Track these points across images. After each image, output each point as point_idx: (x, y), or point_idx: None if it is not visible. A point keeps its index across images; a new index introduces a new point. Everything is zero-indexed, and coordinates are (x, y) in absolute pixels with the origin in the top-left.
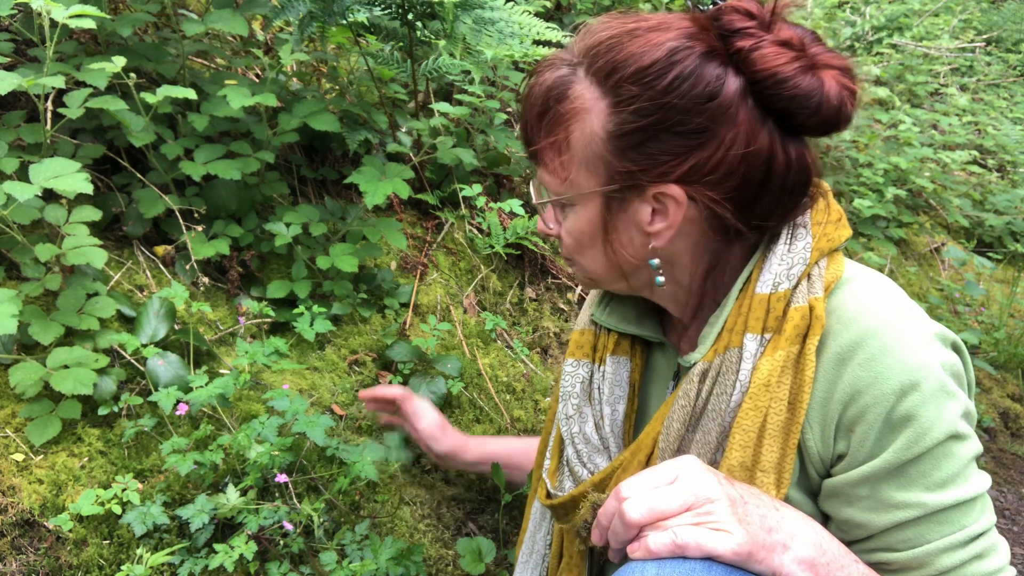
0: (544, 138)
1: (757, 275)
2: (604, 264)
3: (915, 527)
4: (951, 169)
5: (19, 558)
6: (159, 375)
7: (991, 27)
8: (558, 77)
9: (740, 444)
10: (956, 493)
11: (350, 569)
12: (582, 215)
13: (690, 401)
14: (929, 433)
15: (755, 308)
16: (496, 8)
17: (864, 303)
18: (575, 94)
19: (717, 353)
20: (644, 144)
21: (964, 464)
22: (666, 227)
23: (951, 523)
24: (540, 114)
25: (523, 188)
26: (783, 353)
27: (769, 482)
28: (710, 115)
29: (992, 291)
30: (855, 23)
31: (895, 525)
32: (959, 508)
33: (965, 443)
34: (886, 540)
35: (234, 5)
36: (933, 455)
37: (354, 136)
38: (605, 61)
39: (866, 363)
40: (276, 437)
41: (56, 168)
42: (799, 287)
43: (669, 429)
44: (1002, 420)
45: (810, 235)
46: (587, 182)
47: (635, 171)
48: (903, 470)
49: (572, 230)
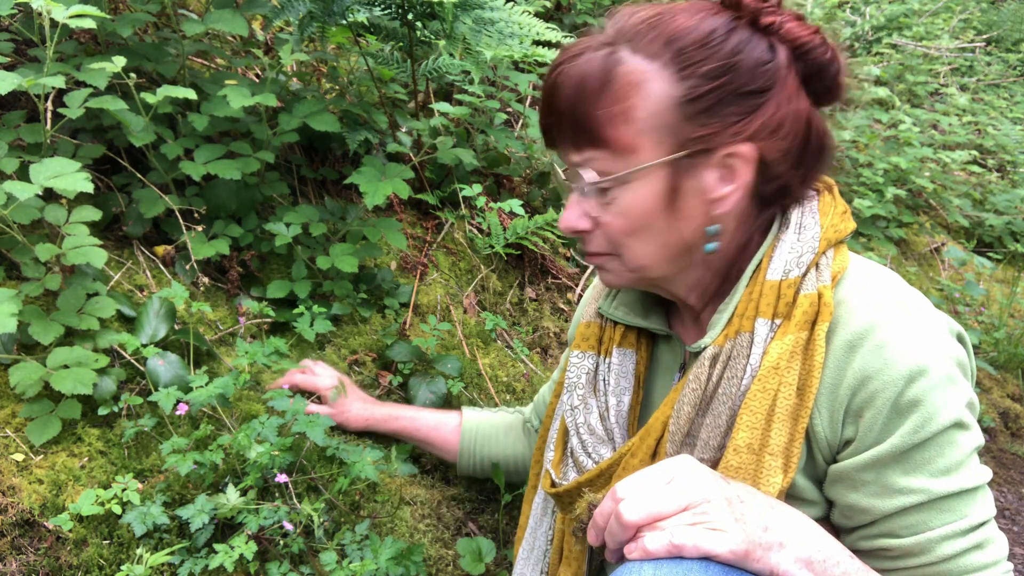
0: (597, 118)
1: (767, 263)
2: (659, 245)
3: (918, 513)
4: (951, 169)
5: (19, 558)
6: (159, 375)
7: (991, 27)
8: (602, 57)
9: (748, 425)
10: (959, 481)
11: (350, 569)
12: (642, 191)
13: (701, 384)
14: (935, 418)
15: (766, 294)
16: (496, 8)
17: (873, 292)
18: (627, 69)
19: (728, 338)
20: (715, 107)
21: (967, 453)
22: (734, 189)
23: (953, 511)
24: (589, 96)
25: (523, 188)
26: (792, 337)
27: (776, 465)
28: (770, 75)
29: (992, 291)
30: (855, 23)
31: (899, 511)
32: (961, 497)
33: (969, 433)
34: (889, 526)
35: (234, 5)
36: (938, 442)
37: (354, 136)
38: (656, 34)
39: (876, 350)
40: (276, 437)
41: (56, 168)
42: (808, 275)
43: (680, 413)
44: (1002, 420)
45: (819, 225)
46: (653, 153)
47: (708, 134)
48: (909, 455)
49: (628, 211)
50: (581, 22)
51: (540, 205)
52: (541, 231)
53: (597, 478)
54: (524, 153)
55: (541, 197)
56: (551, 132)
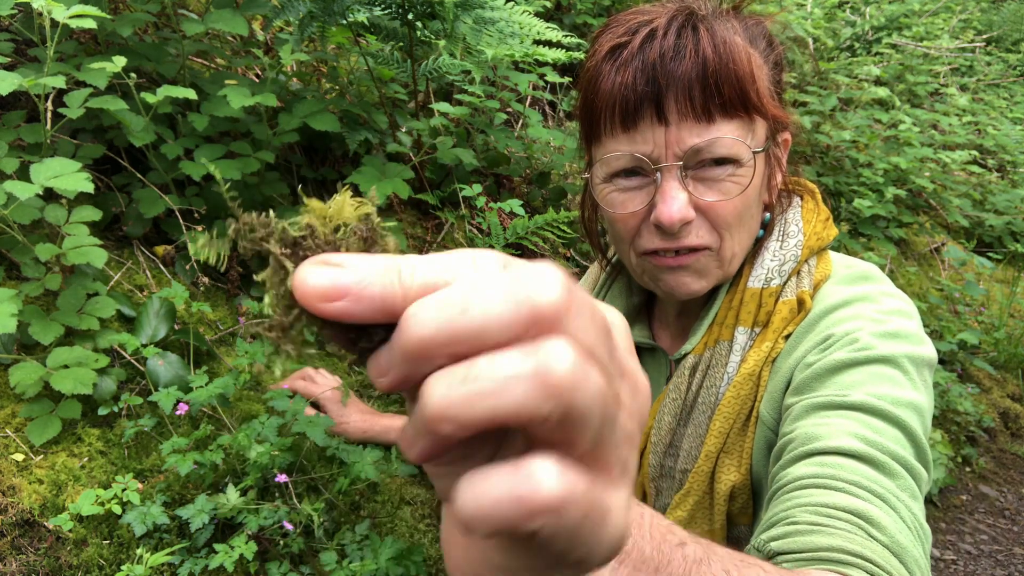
0: (748, 79)
1: (748, 269)
2: (749, 231)
3: (835, 415)
4: (951, 169)
5: (19, 558)
6: (159, 375)
7: (991, 27)
8: (721, 28)
9: (718, 431)
10: (887, 405)
11: (350, 569)
12: (759, 168)
13: (680, 394)
14: (873, 348)
15: (747, 302)
16: (496, 8)
17: (846, 289)
18: (744, 48)
19: (707, 346)
20: (780, 94)
21: (906, 400)
22: (782, 174)
23: (869, 426)
24: (738, 59)
25: (523, 188)
26: (768, 345)
27: (731, 463)
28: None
29: (992, 291)
30: (855, 23)
31: (812, 407)
32: (886, 418)
33: (910, 381)
34: (799, 429)
35: (234, 5)
36: (872, 371)
37: (354, 136)
38: (731, 16)
39: (828, 326)
40: (276, 437)
41: (56, 168)
42: (788, 283)
43: (660, 423)
44: (1002, 420)
45: (801, 233)
46: (763, 131)
47: (781, 118)
48: (835, 378)
49: (752, 186)
50: (581, 22)
51: (540, 205)
52: (541, 231)
53: None
54: (524, 153)
55: (541, 197)
56: (662, 100)
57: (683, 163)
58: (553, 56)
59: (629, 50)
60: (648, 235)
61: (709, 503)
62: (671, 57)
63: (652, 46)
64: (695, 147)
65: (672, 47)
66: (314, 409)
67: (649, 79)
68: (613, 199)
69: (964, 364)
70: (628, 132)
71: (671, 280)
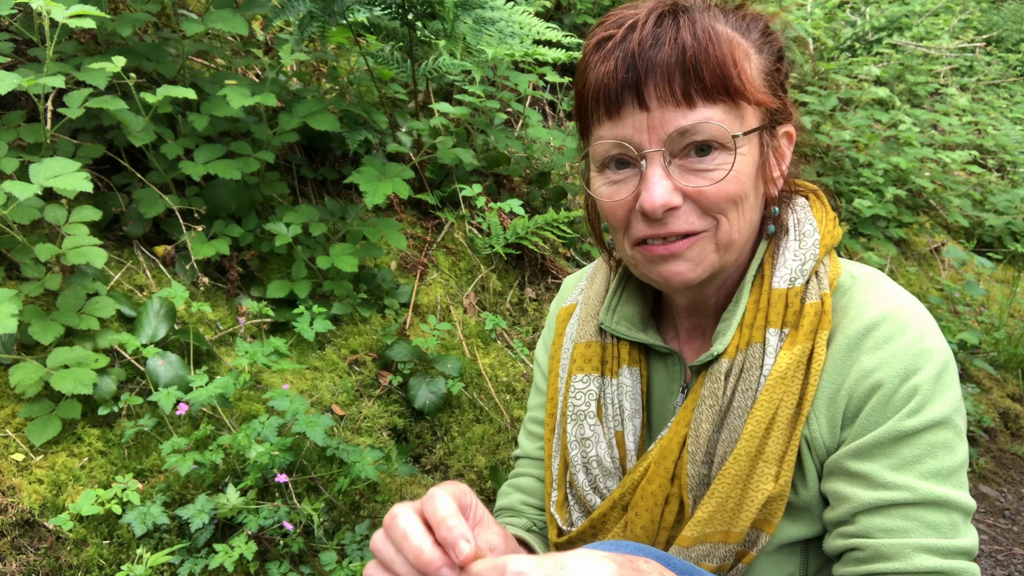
0: (730, 63)
1: (770, 270)
2: (748, 218)
3: (901, 518)
4: (951, 169)
5: (19, 558)
6: (159, 375)
7: (991, 27)
8: (702, 18)
9: (750, 434)
10: (946, 490)
11: (350, 569)
12: (751, 153)
13: (717, 400)
14: (928, 408)
15: (775, 303)
16: (496, 8)
17: (870, 296)
18: (727, 35)
19: (739, 349)
20: (780, 85)
21: (957, 464)
22: (784, 167)
23: (938, 529)
24: (722, 42)
25: (523, 188)
26: (800, 348)
27: (769, 473)
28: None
29: (992, 291)
30: (855, 23)
31: (881, 505)
32: (948, 512)
33: (959, 438)
34: (867, 523)
35: (234, 5)
36: (929, 440)
37: (354, 136)
38: (726, 8)
39: (873, 350)
40: (276, 437)
41: (56, 168)
42: (810, 283)
43: (699, 431)
44: (1002, 420)
45: (817, 232)
46: (754, 118)
47: (780, 108)
48: (898, 448)
49: (738, 173)
50: (581, 22)
51: (540, 205)
52: (541, 231)
53: (611, 511)
54: (524, 153)
55: (541, 197)
56: (641, 87)
57: (667, 149)
58: (553, 56)
59: (613, 41)
60: (637, 224)
61: (735, 506)
62: (650, 45)
63: (633, 36)
64: (678, 129)
65: (651, 35)
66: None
67: (629, 66)
68: (603, 190)
69: (964, 364)
70: (612, 119)
71: (663, 269)
